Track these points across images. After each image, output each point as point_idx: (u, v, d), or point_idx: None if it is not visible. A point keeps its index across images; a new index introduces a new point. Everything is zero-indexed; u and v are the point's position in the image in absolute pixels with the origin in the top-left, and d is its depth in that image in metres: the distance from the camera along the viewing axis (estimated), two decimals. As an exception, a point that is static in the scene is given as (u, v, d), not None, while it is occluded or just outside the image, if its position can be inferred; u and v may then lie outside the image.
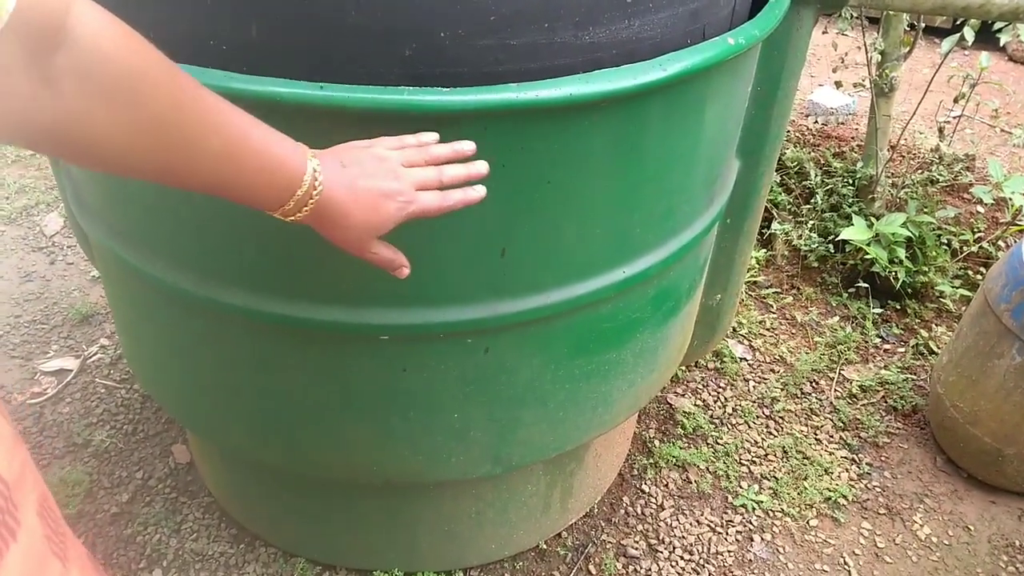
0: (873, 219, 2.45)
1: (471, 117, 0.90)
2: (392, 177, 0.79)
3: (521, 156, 0.96)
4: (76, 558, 0.57)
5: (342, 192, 0.75)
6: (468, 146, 0.86)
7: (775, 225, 2.65)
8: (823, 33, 2.75)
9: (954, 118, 2.89)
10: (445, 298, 1.06)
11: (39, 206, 2.84)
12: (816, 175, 2.70)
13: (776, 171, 2.84)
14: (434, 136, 0.85)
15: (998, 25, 2.37)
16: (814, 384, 2.23)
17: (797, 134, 3.17)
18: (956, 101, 2.52)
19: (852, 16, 2.58)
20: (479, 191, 0.86)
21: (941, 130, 2.74)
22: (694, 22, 1.07)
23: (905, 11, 1.80)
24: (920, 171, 2.78)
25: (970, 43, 2.19)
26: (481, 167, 0.86)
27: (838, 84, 2.76)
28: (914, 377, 2.24)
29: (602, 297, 1.18)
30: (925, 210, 2.46)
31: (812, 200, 2.67)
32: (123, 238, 1.15)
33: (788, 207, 2.74)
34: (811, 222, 2.62)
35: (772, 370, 2.27)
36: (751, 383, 2.22)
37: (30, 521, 0.50)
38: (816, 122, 3.38)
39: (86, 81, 0.54)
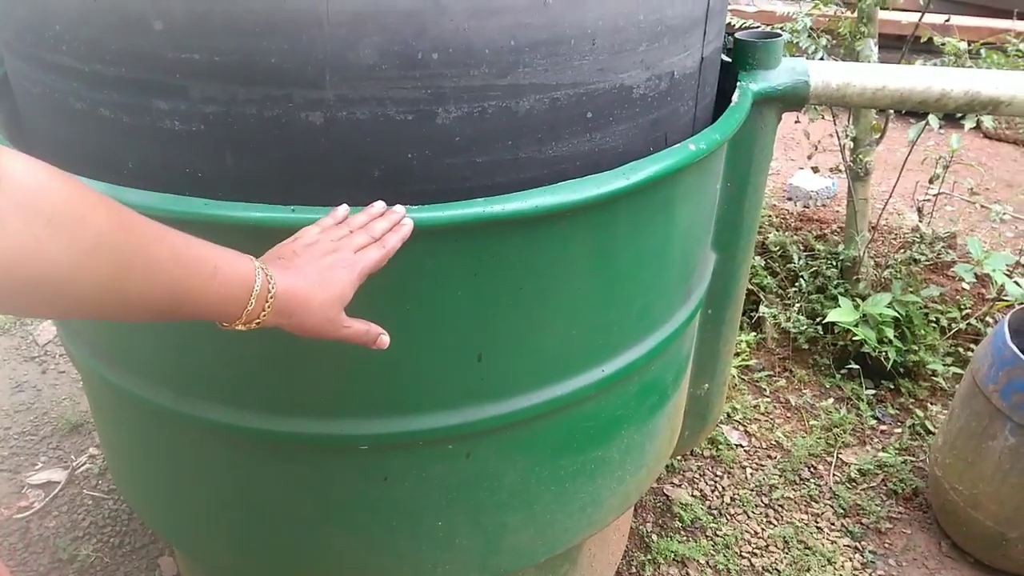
0: (859, 300, 2.48)
1: (441, 232, 0.93)
2: (329, 252, 0.82)
3: (492, 265, 0.99)
4: None
5: (294, 279, 0.78)
6: (379, 206, 0.89)
7: (763, 308, 2.67)
8: (796, 122, 2.83)
9: (933, 196, 2.95)
10: (423, 405, 1.07)
11: (34, 315, 2.86)
12: (800, 258, 2.74)
13: (760, 254, 2.89)
14: (346, 208, 0.89)
15: (964, 109, 2.45)
16: (812, 469, 2.20)
17: (779, 218, 3.24)
18: (931, 182, 2.58)
19: (819, 107, 2.67)
20: (408, 224, 0.89)
21: (920, 210, 2.79)
22: (655, 130, 1.11)
23: (864, 107, 1.87)
24: (902, 250, 2.82)
25: (936, 128, 2.26)
26: (399, 210, 0.90)
27: (815, 169, 2.83)
28: (913, 459, 2.22)
29: (583, 396, 1.18)
30: (910, 289, 2.49)
31: (797, 283, 2.69)
32: (105, 357, 1.17)
33: (774, 290, 2.77)
34: (798, 304, 2.64)
35: (769, 456, 2.25)
36: (748, 470, 2.20)
37: None
38: (797, 205, 3.45)
39: (29, 212, 0.54)
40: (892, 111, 2.42)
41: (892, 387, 2.47)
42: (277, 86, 0.86)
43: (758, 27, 2.49)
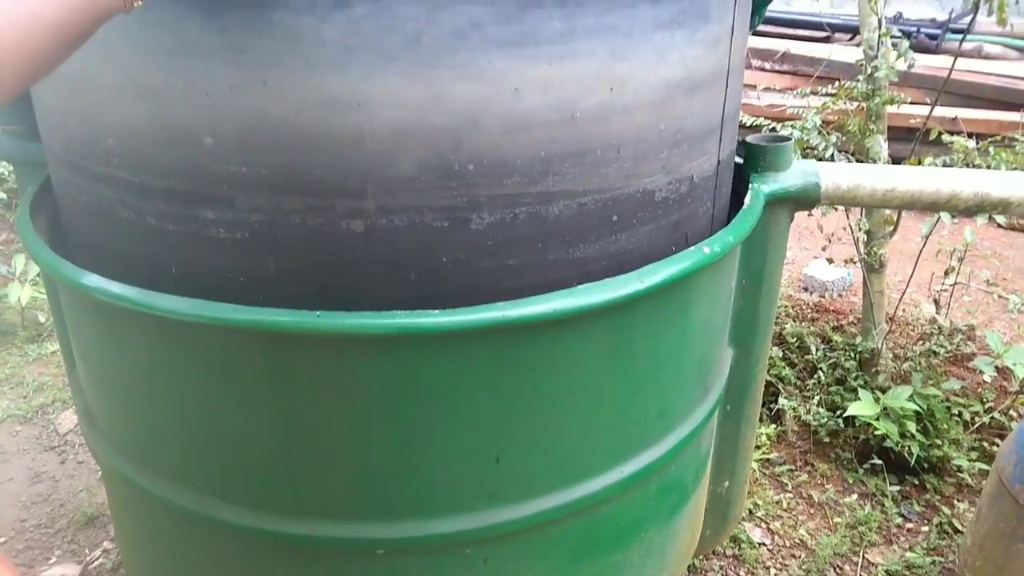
0: (879, 392, 2.45)
1: (461, 336, 0.95)
2: None
3: (511, 368, 1.00)
4: None
5: None
6: None
7: (782, 400, 2.65)
8: (808, 215, 2.87)
9: (950, 286, 2.96)
10: (441, 508, 1.06)
11: (55, 404, 2.89)
12: (818, 349, 2.73)
13: (778, 345, 2.88)
14: None
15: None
16: (838, 570, 2.14)
17: (795, 309, 3.24)
18: (947, 274, 2.59)
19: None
20: None
21: (937, 301, 2.80)
22: (676, 231, 1.15)
23: (875, 207, 1.90)
24: (921, 342, 2.81)
25: (949, 222, 2.29)
26: None
27: (830, 260, 2.85)
28: (942, 559, 2.15)
29: (602, 498, 1.17)
30: (930, 382, 2.47)
31: (816, 375, 2.68)
32: (125, 454, 1.18)
33: (793, 381, 2.75)
34: (818, 396, 2.62)
35: (793, 555, 2.18)
36: (772, 570, 2.13)
37: None
38: (813, 295, 3.46)
39: None
40: (904, 205, 2.45)
41: (917, 483, 2.42)
42: (321, 197, 0.90)
43: (769, 123, 2.57)
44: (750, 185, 1.39)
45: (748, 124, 2.54)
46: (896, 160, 2.59)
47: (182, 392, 1.05)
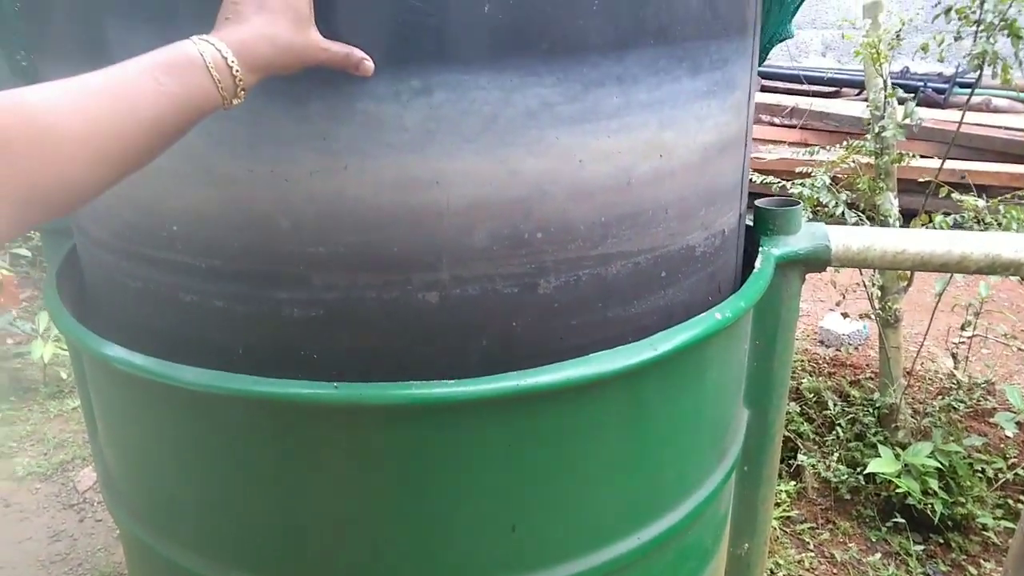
0: (900, 449, 2.43)
1: (476, 405, 0.97)
2: None
3: (527, 436, 1.01)
4: None
5: (238, 31, 0.76)
6: None
7: (801, 456, 2.63)
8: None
9: (967, 339, 2.94)
10: (456, 577, 1.07)
11: (75, 461, 2.91)
12: (835, 405, 2.72)
13: (795, 400, 2.87)
14: None
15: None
16: (862, 633, 2.09)
17: (812, 363, 3.23)
18: (963, 328, 2.58)
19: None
20: None
21: (954, 355, 2.78)
22: (712, 282, 1.20)
23: (886, 268, 1.92)
24: (940, 397, 2.79)
25: (963, 278, 2.29)
26: None
27: (844, 315, 2.86)
28: (969, 622, 2.10)
29: (620, 565, 1.16)
30: (951, 438, 2.44)
31: (834, 430, 2.66)
32: (144, 520, 1.19)
33: (811, 437, 2.73)
34: (837, 452, 2.59)
35: (815, 617, 2.15)
36: (794, 633, 2.09)
37: None
38: (829, 349, 3.45)
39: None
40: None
41: (942, 541, 2.38)
42: (397, 271, 0.93)
43: (778, 181, 2.60)
44: (760, 248, 1.42)
45: (758, 182, 2.58)
46: (907, 213, 2.62)
47: (200, 462, 1.07)
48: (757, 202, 1.49)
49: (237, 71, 0.75)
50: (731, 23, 1.08)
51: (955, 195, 2.40)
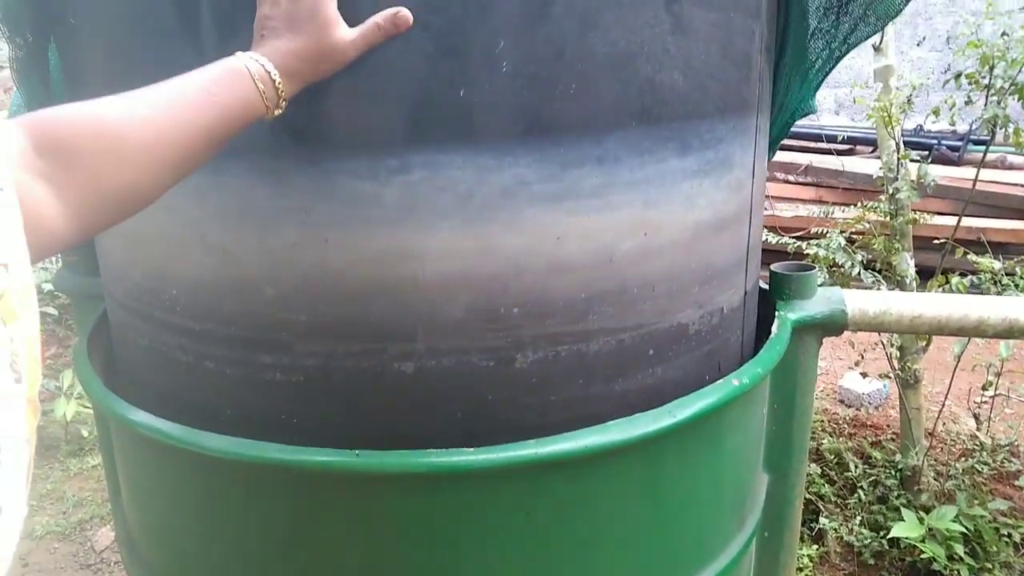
0: (923, 512, 2.39)
1: (494, 473, 0.97)
2: None
3: (545, 504, 1.02)
4: None
5: (278, 44, 0.81)
6: None
7: (823, 520, 2.58)
8: (840, 329, 2.88)
9: (989, 398, 2.91)
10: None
11: (93, 520, 2.91)
12: (857, 467, 2.68)
13: (816, 462, 2.83)
14: None
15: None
16: None
17: (832, 424, 3.20)
18: (984, 389, 2.56)
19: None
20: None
21: (976, 416, 2.75)
22: (710, 360, 1.19)
23: (903, 332, 1.92)
24: (963, 458, 2.74)
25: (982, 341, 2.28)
26: None
27: (864, 375, 2.84)
28: None
29: (638, 634, 1.15)
30: (976, 501, 2.40)
31: (856, 493, 2.62)
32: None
33: (833, 499, 2.69)
34: (859, 516, 2.55)
35: None
36: None
37: None
38: (849, 410, 3.41)
39: (75, 156, 0.67)
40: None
41: (970, 609, 2.31)
42: (374, 341, 0.95)
43: (794, 242, 2.62)
44: (777, 312, 1.43)
45: (774, 242, 2.60)
46: (924, 270, 2.62)
47: (220, 525, 1.09)
48: (772, 266, 1.51)
49: (279, 83, 0.81)
50: (726, 103, 1.09)
51: (971, 256, 2.41)
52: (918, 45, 6.24)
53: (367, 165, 0.91)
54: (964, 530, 2.29)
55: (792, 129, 1.50)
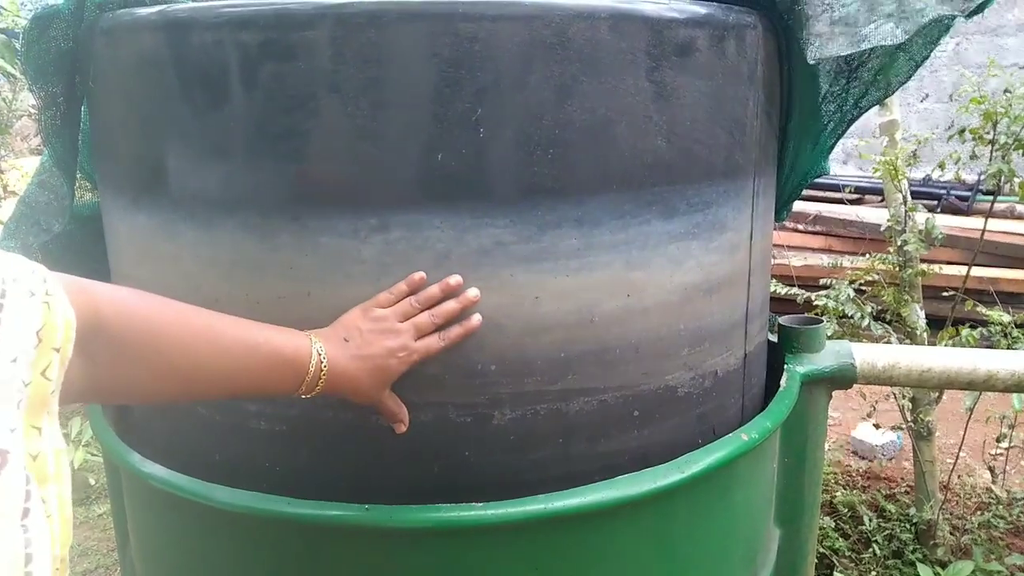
0: (939, 567, 2.34)
1: (503, 528, 0.98)
2: (391, 336, 0.89)
3: (553, 559, 1.02)
4: None
5: (347, 364, 0.88)
6: (455, 280, 0.94)
7: (837, 575, 2.54)
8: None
9: (1004, 450, 2.87)
10: None
11: (99, 570, 2.89)
12: (871, 520, 2.64)
13: (829, 515, 2.79)
14: (421, 275, 0.94)
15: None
16: None
17: (845, 476, 3.16)
18: (999, 441, 2.53)
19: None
20: (477, 318, 0.93)
21: (992, 469, 2.71)
22: (702, 424, 1.17)
23: (912, 386, 1.91)
24: (979, 512, 2.70)
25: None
26: (472, 294, 0.93)
27: (876, 426, 2.81)
28: None
29: None
30: (993, 556, 2.36)
31: (871, 547, 2.58)
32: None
33: (847, 553, 2.64)
34: (874, 571, 2.51)
35: None
36: None
37: None
38: (862, 462, 3.37)
39: (116, 352, 0.71)
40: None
41: (990, 669, 2.26)
42: None
43: (802, 292, 2.62)
44: (785, 366, 1.43)
45: (783, 292, 2.61)
46: (935, 320, 2.61)
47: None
48: (780, 319, 1.51)
49: (320, 385, 0.88)
50: (713, 167, 1.08)
51: (980, 308, 2.41)
52: (921, 101, 6.32)
53: (347, 223, 0.94)
54: (982, 587, 2.24)
55: (803, 180, 1.50)
